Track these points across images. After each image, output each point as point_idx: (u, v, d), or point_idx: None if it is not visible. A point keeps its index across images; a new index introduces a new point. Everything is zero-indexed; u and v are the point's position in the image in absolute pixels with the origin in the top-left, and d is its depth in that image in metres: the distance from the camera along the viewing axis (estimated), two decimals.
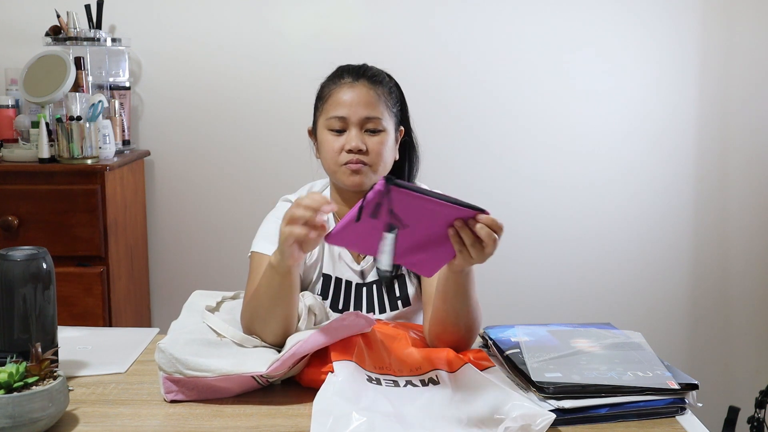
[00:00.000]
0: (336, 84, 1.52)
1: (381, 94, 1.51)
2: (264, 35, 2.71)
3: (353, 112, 1.48)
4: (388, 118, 1.51)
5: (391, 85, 1.56)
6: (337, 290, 1.56)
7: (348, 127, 1.49)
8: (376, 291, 1.56)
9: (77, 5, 2.57)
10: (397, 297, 1.56)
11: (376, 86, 1.51)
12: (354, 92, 1.50)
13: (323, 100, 1.54)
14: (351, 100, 1.49)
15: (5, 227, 2.28)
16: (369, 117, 1.49)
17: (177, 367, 1.23)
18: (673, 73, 2.75)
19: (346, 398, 1.14)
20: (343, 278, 1.57)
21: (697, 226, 2.83)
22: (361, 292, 1.56)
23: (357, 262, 1.57)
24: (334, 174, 1.52)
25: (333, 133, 1.50)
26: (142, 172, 2.73)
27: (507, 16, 2.71)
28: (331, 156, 1.50)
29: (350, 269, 1.57)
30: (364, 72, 1.53)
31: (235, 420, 1.18)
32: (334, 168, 1.51)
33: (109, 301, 2.37)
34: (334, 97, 1.51)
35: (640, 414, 1.20)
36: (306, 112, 2.03)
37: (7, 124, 2.52)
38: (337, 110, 1.49)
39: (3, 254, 1.24)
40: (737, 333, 2.87)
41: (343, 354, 1.25)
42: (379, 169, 1.50)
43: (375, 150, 1.49)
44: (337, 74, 1.55)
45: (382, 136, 1.50)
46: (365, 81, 1.51)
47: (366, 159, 1.48)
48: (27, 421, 1.07)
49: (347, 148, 1.48)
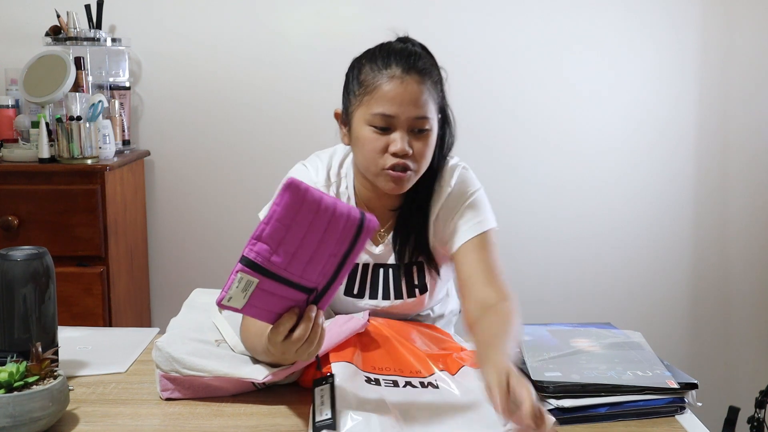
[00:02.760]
0: (383, 75, 1.36)
1: (429, 87, 1.38)
2: (264, 35, 2.71)
3: (402, 112, 1.34)
4: (434, 114, 1.40)
5: (436, 74, 1.42)
6: (353, 273, 1.48)
7: (395, 127, 1.35)
8: (393, 275, 1.48)
9: (77, 5, 2.57)
10: (415, 284, 1.49)
11: (426, 79, 1.37)
12: (404, 89, 1.34)
13: (366, 90, 1.37)
14: (401, 99, 1.34)
15: (5, 227, 2.29)
16: (418, 117, 1.36)
17: (174, 366, 1.23)
18: (673, 73, 2.75)
19: (343, 398, 1.14)
20: (359, 262, 1.48)
21: (698, 226, 2.83)
22: (378, 275, 1.49)
23: (375, 244, 1.49)
24: (374, 176, 1.39)
25: (376, 130, 1.36)
26: (142, 172, 2.73)
27: (507, 16, 2.71)
28: (371, 156, 1.37)
29: (366, 252, 1.48)
30: (414, 63, 1.37)
31: (235, 420, 1.18)
32: (374, 170, 1.38)
33: (109, 301, 2.37)
34: (381, 92, 1.35)
35: (640, 413, 1.20)
36: (305, 112, 2.04)
37: (7, 124, 2.52)
38: (383, 107, 1.35)
39: (3, 254, 1.24)
40: (737, 333, 2.87)
41: (341, 356, 1.25)
42: (421, 171, 1.41)
43: (420, 153, 1.37)
44: (383, 60, 1.38)
45: (428, 136, 1.38)
46: (416, 75, 1.36)
47: (411, 164, 1.37)
48: (27, 420, 1.07)
49: (392, 151, 1.35)
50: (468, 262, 1.42)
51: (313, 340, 1.11)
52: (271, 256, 1.04)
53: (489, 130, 2.76)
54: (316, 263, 1.08)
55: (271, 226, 1.03)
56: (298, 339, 1.09)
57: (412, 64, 1.36)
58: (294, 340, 1.09)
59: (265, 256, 1.03)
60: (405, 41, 1.44)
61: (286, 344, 1.10)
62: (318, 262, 1.08)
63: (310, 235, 1.06)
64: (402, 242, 1.47)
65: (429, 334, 1.42)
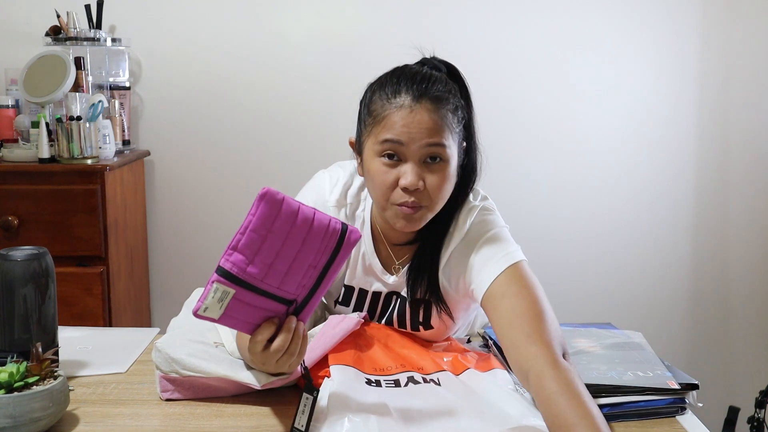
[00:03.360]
0: (390, 103, 1.25)
1: (445, 115, 1.25)
2: (264, 36, 2.71)
3: (412, 140, 1.23)
4: (452, 143, 1.27)
5: (456, 96, 1.29)
6: (361, 299, 1.43)
7: (405, 157, 1.25)
8: (400, 305, 1.40)
9: (77, 5, 2.57)
10: (420, 322, 1.40)
11: (440, 107, 1.25)
12: (413, 118, 1.23)
13: (375, 120, 1.27)
14: (410, 127, 1.23)
15: (5, 227, 2.28)
16: (431, 144, 1.24)
17: (173, 367, 1.23)
18: (674, 73, 2.75)
19: (341, 400, 1.14)
20: (369, 290, 1.42)
21: (698, 226, 2.83)
22: (389, 303, 1.42)
23: (390, 273, 1.41)
24: (383, 210, 1.30)
25: (385, 161, 1.25)
26: (142, 172, 2.73)
27: (507, 16, 2.71)
28: (381, 190, 1.27)
29: (378, 281, 1.41)
30: (426, 89, 1.25)
31: (235, 420, 1.18)
32: (384, 204, 1.28)
33: (109, 301, 2.36)
34: (390, 122, 1.24)
35: (641, 414, 1.20)
36: (305, 112, 2.04)
37: (7, 124, 2.52)
38: (391, 133, 1.24)
39: (3, 254, 1.24)
40: (737, 333, 2.87)
41: (340, 358, 1.25)
42: (436, 208, 1.29)
43: (434, 187, 1.25)
44: (392, 87, 1.27)
45: (443, 169, 1.26)
46: (428, 102, 1.24)
47: (423, 200, 1.26)
48: (27, 420, 1.07)
49: (402, 185, 1.24)
50: (499, 312, 1.24)
51: (294, 351, 1.08)
52: (247, 266, 1.02)
53: (489, 130, 2.73)
54: (295, 274, 1.06)
55: (246, 237, 1.02)
56: (277, 350, 1.06)
57: (423, 91, 1.25)
58: (273, 351, 1.07)
59: (242, 267, 1.02)
60: (424, 63, 1.34)
61: (266, 355, 1.08)
62: (296, 273, 1.06)
63: (287, 246, 1.04)
64: (415, 278, 1.37)
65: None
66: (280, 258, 1.04)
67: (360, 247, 1.40)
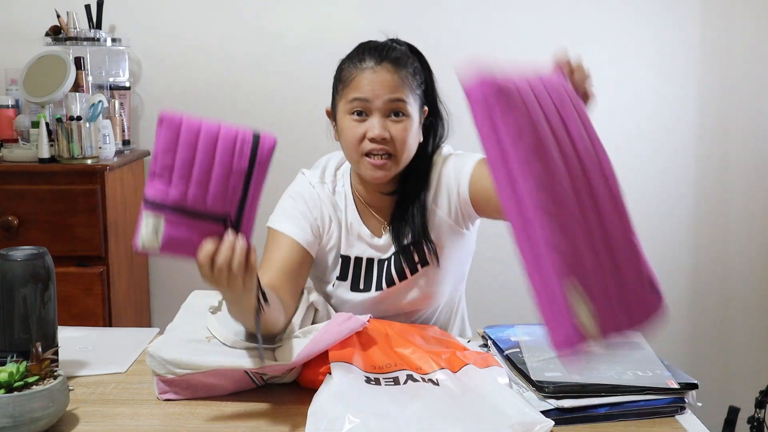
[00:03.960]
0: (356, 68, 1.44)
1: (405, 76, 1.44)
2: (264, 36, 2.71)
3: (376, 95, 1.41)
4: (413, 101, 1.45)
5: (415, 63, 1.48)
6: (357, 270, 1.53)
7: (370, 112, 1.42)
8: (395, 262, 1.52)
9: (77, 5, 2.57)
10: (416, 262, 1.51)
11: (400, 68, 1.44)
12: (377, 76, 1.42)
13: (343, 83, 1.46)
14: (373, 85, 1.41)
15: (5, 227, 2.28)
16: (392, 99, 1.42)
17: (168, 368, 1.23)
18: (674, 73, 2.75)
19: (341, 400, 1.14)
20: (363, 257, 1.53)
21: (698, 226, 2.83)
22: (382, 267, 1.53)
23: (378, 236, 1.54)
24: (356, 164, 1.47)
25: (354, 117, 1.43)
26: (142, 172, 2.73)
27: (504, 16, 2.71)
28: (352, 143, 1.44)
29: (369, 246, 1.53)
30: (386, 54, 1.44)
31: (235, 420, 1.18)
32: (356, 157, 1.45)
33: (109, 301, 2.36)
34: (356, 81, 1.43)
35: (640, 413, 1.20)
36: (305, 112, 2.05)
37: (7, 124, 2.52)
38: (357, 92, 1.42)
39: (3, 254, 1.24)
40: (737, 333, 2.87)
41: (341, 355, 1.25)
42: (403, 159, 1.45)
43: (399, 138, 1.42)
44: (357, 55, 1.47)
45: (405, 122, 1.43)
46: (388, 64, 1.43)
47: (390, 148, 1.42)
48: (27, 420, 1.07)
49: (369, 136, 1.42)
50: (487, 178, 1.37)
51: (238, 266, 1.09)
52: (168, 189, 1.07)
53: None
54: (217, 188, 1.09)
55: (159, 161, 1.07)
56: (221, 267, 1.09)
57: (384, 56, 1.44)
58: (217, 268, 1.09)
59: (162, 191, 1.06)
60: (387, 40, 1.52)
61: (215, 277, 1.10)
62: (219, 187, 1.09)
63: (200, 161, 1.08)
64: (399, 227, 1.51)
65: (430, 335, 1.42)
66: (197, 173, 1.08)
67: (347, 218, 1.53)
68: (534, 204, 0.89)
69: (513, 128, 0.91)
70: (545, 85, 1.00)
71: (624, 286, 0.93)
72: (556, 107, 0.98)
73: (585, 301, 0.88)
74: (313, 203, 1.53)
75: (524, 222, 0.90)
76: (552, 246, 0.88)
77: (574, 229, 0.91)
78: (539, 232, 0.88)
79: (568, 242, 0.89)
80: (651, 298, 0.96)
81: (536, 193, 0.89)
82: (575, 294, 0.88)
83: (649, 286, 0.97)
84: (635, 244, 0.99)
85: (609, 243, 0.95)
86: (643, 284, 0.96)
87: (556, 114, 0.97)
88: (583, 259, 0.90)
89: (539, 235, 0.88)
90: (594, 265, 0.91)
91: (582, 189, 0.94)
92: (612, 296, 0.92)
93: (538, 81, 0.99)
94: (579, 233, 0.91)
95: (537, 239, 0.89)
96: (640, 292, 0.95)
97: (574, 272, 0.88)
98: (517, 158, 0.90)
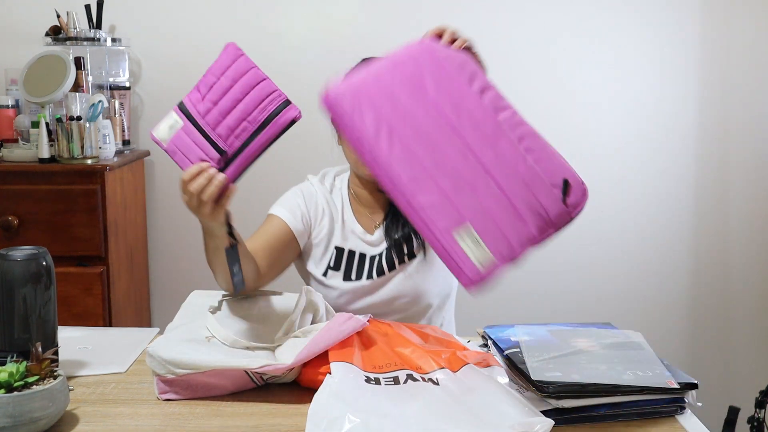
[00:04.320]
0: None
1: None
2: (264, 36, 2.71)
3: None
4: None
5: None
6: (350, 262, 1.64)
7: None
8: (386, 256, 1.63)
9: (77, 5, 2.57)
10: (405, 253, 1.63)
11: None
12: None
13: None
14: None
15: (5, 227, 2.29)
16: None
17: (168, 368, 1.23)
18: (674, 73, 2.75)
19: (341, 400, 1.14)
20: (356, 251, 1.65)
21: (698, 226, 2.83)
22: (373, 260, 1.64)
23: (370, 233, 1.66)
24: (356, 164, 1.60)
25: None
26: (142, 172, 2.73)
27: (504, 16, 2.71)
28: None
29: (362, 241, 1.65)
30: None
31: (235, 420, 1.18)
32: (357, 158, 1.56)
33: (109, 301, 2.37)
34: None
35: (640, 413, 1.20)
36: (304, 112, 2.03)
37: (7, 124, 2.52)
38: None
39: (3, 254, 1.24)
40: (737, 333, 2.87)
41: (341, 355, 1.25)
42: None
43: None
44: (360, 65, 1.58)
45: None
46: None
47: None
48: (27, 420, 1.07)
49: None
50: None
51: (207, 196, 1.23)
52: (198, 103, 1.24)
53: None
54: (230, 120, 1.23)
55: (206, 76, 1.25)
56: (193, 191, 1.24)
57: None
58: (190, 191, 1.24)
59: (194, 102, 1.24)
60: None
61: (189, 199, 1.26)
62: (232, 120, 1.23)
63: (234, 91, 1.23)
64: (392, 222, 1.64)
65: (430, 335, 1.42)
66: (223, 102, 1.23)
67: (343, 215, 1.67)
68: (407, 180, 1.09)
69: (369, 125, 1.11)
70: (410, 59, 1.17)
71: (514, 208, 1.09)
72: (418, 80, 1.14)
73: (474, 241, 1.06)
74: (310, 197, 1.68)
75: (406, 199, 1.09)
76: (430, 207, 1.07)
77: (446, 182, 1.08)
78: (419, 199, 1.08)
79: (442, 197, 1.07)
80: (566, 200, 1.14)
81: (404, 170, 1.09)
82: (464, 238, 1.06)
83: (558, 189, 1.14)
84: (528, 166, 1.12)
85: (491, 177, 1.10)
86: (546, 195, 1.11)
87: (417, 86, 1.14)
88: (461, 206, 1.08)
89: (417, 203, 1.08)
90: (473, 203, 1.08)
91: (455, 142, 1.10)
92: (500, 223, 1.08)
93: (399, 64, 1.17)
94: (451, 184, 1.08)
95: (417, 207, 1.08)
96: (540, 204, 1.11)
97: (456, 221, 1.06)
98: (380, 149, 1.10)
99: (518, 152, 1.11)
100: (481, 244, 1.05)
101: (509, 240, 1.08)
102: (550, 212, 1.10)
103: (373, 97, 1.12)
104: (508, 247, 1.07)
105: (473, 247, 1.06)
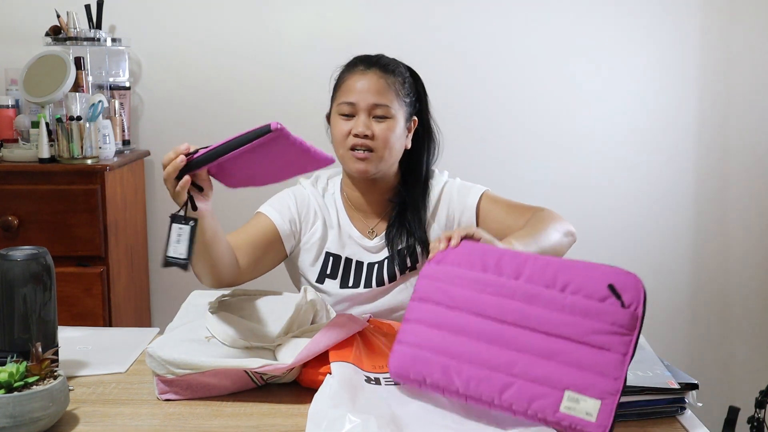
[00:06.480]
0: (349, 71, 1.58)
1: (392, 83, 1.55)
2: (264, 35, 2.71)
3: (362, 99, 1.53)
4: (398, 107, 1.56)
5: (405, 75, 1.60)
6: (347, 269, 1.61)
7: (357, 113, 1.54)
8: (387, 267, 1.59)
9: (77, 5, 2.57)
10: (408, 267, 1.60)
11: (388, 75, 1.56)
12: (365, 79, 1.55)
13: (336, 87, 1.60)
14: (361, 87, 1.54)
15: (5, 227, 2.29)
16: (377, 104, 1.53)
17: (168, 368, 1.23)
18: (674, 73, 2.75)
19: (341, 400, 1.13)
20: (353, 258, 1.61)
21: (698, 226, 2.83)
22: (372, 268, 1.60)
23: (368, 237, 1.62)
24: (343, 159, 1.57)
25: (343, 117, 1.55)
26: (142, 172, 2.73)
27: (505, 16, 2.71)
28: (339, 140, 1.56)
29: (360, 247, 1.61)
30: (377, 61, 1.58)
31: (235, 420, 1.18)
32: (342, 152, 1.56)
33: (109, 301, 2.37)
34: (346, 84, 1.56)
35: (640, 413, 1.20)
36: (305, 112, 2.05)
37: (7, 124, 2.52)
38: (347, 96, 1.55)
39: (3, 254, 1.25)
40: (737, 333, 2.87)
41: (341, 355, 1.25)
42: (386, 156, 1.55)
43: (381, 136, 1.53)
44: (351, 63, 1.60)
45: (389, 122, 1.54)
46: (377, 69, 1.56)
47: (371, 144, 1.53)
48: (27, 420, 1.07)
49: (354, 133, 1.53)
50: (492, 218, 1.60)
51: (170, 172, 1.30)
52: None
53: (488, 130, 2.75)
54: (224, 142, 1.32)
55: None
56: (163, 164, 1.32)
57: (375, 62, 1.58)
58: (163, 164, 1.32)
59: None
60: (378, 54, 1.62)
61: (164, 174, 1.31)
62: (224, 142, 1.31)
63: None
64: (395, 232, 1.61)
65: None
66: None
67: (339, 220, 1.63)
68: (500, 387, 1.12)
69: (439, 378, 1.16)
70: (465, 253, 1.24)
71: (588, 347, 1.10)
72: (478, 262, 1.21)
73: (578, 401, 1.07)
74: (302, 201, 1.64)
75: (501, 406, 1.13)
76: (531, 399, 1.09)
77: (519, 368, 1.11)
78: (508, 397, 1.11)
79: (530, 383, 1.10)
80: (623, 303, 1.12)
81: (490, 385, 1.12)
82: (570, 406, 1.07)
83: (612, 298, 1.13)
84: (574, 300, 1.13)
85: (555, 338, 1.12)
86: (606, 312, 1.11)
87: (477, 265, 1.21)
88: (550, 383, 1.09)
89: (517, 403, 1.10)
90: (553, 372, 1.10)
91: (509, 333, 1.14)
92: (586, 368, 1.09)
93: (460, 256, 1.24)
94: (523, 367, 1.12)
95: (519, 410, 1.10)
96: (606, 323, 1.11)
97: (555, 397, 1.08)
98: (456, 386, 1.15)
99: (558, 297, 1.13)
100: (586, 398, 1.06)
101: (604, 376, 1.07)
102: (619, 323, 1.09)
103: (429, 356, 1.18)
104: (606, 383, 1.07)
105: (581, 407, 1.06)
